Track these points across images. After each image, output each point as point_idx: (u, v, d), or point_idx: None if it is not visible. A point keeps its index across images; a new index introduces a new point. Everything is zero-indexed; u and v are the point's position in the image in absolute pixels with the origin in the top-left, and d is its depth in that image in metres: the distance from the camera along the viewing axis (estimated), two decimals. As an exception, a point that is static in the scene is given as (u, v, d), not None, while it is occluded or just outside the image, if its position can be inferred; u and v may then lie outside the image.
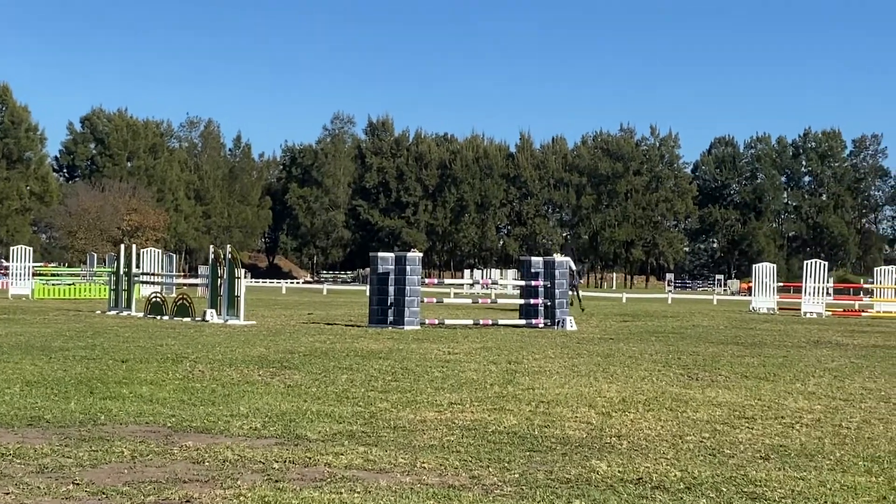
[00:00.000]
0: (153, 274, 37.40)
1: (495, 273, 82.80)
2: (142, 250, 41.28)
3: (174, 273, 47.77)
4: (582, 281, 34.29)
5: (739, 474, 6.40)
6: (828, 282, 38.05)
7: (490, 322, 22.73)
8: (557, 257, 23.80)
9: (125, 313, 25.58)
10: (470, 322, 22.62)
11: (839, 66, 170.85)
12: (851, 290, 50.19)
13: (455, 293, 56.08)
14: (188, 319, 22.90)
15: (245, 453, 6.75)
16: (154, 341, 16.04)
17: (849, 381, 11.90)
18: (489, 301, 31.68)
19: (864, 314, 35.01)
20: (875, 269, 41.30)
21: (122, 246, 29.00)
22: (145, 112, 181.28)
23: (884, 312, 34.98)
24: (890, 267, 39.23)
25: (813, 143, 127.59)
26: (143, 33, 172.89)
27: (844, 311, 36.63)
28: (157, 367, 12.03)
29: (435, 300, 26.21)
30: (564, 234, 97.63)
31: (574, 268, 34.32)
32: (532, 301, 23.19)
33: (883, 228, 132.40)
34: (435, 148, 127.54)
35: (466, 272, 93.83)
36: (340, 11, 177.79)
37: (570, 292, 30.93)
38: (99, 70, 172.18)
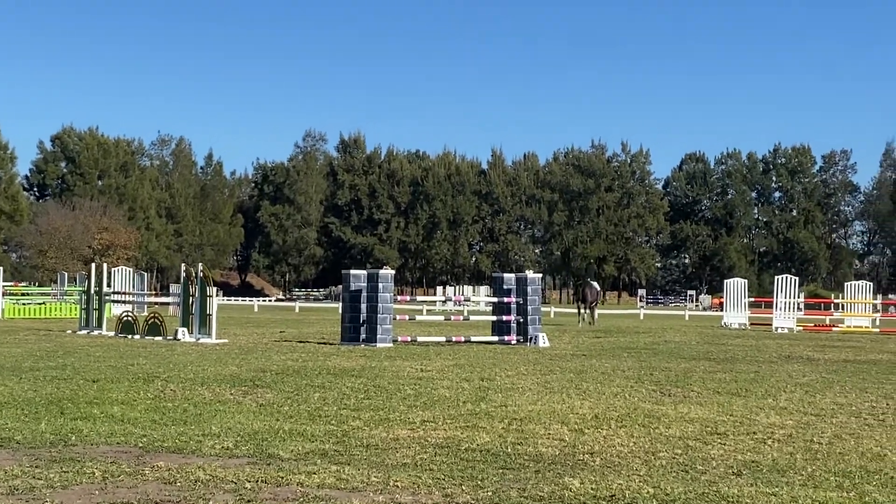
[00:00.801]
0: (124, 293, 37.16)
1: (468, 290, 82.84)
2: (113, 269, 41.01)
3: (145, 292, 47.48)
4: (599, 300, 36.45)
5: (712, 490, 6.42)
6: (799, 297, 38.29)
7: (463, 339, 22.72)
8: (530, 273, 23.84)
9: (96, 333, 25.39)
10: (443, 339, 22.61)
11: (809, 81, 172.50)
12: (822, 304, 50.50)
13: (427, 310, 56.03)
14: (160, 338, 22.76)
15: (217, 473, 6.71)
16: (125, 361, 15.93)
17: (820, 397, 11.96)
18: (462, 318, 31.67)
19: (834, 329, 35.24)
20: (845, 283, 41.59)
21: (93, 265, 28.80)
22: (116, 130, 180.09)
23: (854, 327, 35.22)
24: (860, 282, 39.56)
25: (783, 159, 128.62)
26: (113, 51, 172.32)
27: (815, 325, 36.85)
28: (128, 386, 11.95)
29: (407, 317, 26.25)
30: (590, 261, 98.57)
31: (598, 288, 36.30)
32: (504, 318, 23.21)
33: (853, 243, 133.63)
34: (407, 165, 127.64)
35: (439, 289, 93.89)
36: (312, 29, 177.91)
37: (587, 310, 36.17)
38: (69, 88, 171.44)
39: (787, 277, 36.08)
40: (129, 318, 24.74)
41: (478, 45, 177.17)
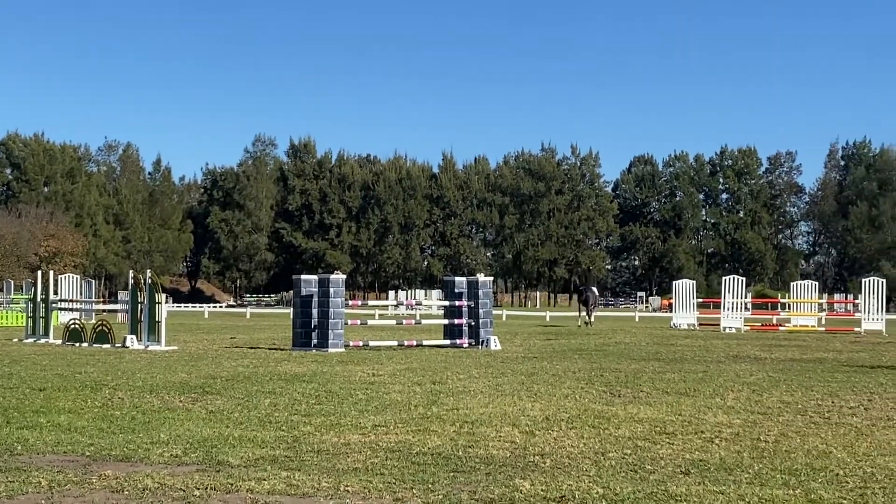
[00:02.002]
0: (72, 300, 36.75)
1: (420, 294, 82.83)
2: (60, 276, 40.54)
3: (93, 299, 46.97)
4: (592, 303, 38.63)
5: (660, 490, 6.48)
6: (746, 297, 38.72)
7: (415, 343, 22.72)
8: (481, 277, 23.89)
9: (43, 341, 25.08)
10: (395, 343, 22.59)
11: (754, 84, 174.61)
12: (769, 304, 51.10)
13: (380, 314, 55.99)
14: (108, 346, 22.53)
15: (165, 481, 6.66)
16: (73, 369, 15.75)
17: (767, 395, 12.11)
18: (414, 322, 31.68)
19: (781, 328, 35.68)
20: (791, 283, 42.14)
21: (40, 272, 28.43)
22: (62, 136, 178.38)
23: (800, 326, 35.69)
24: (806, 281, 40.08)
25: (729, 161, 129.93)
26: (59, 56, 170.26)
27: (762, 325, 37.30)
28: (75, 395, 11.81)
29: (359, 322, 26.15)
30: (588, 267, 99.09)
31: (596, 293, 38.59)
32: (456, 321, 23.24)
33: (798, 244, 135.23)
34: (358, 169, 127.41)
35: (391, 293, 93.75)
36: (261, 32, 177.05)
37: (587, 313, 38.09)
38: (14, 94, 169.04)
39: (734, 278, 36.49)
40: (77, 326, 24.46)
41: (427, 48, 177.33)
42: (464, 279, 24.17)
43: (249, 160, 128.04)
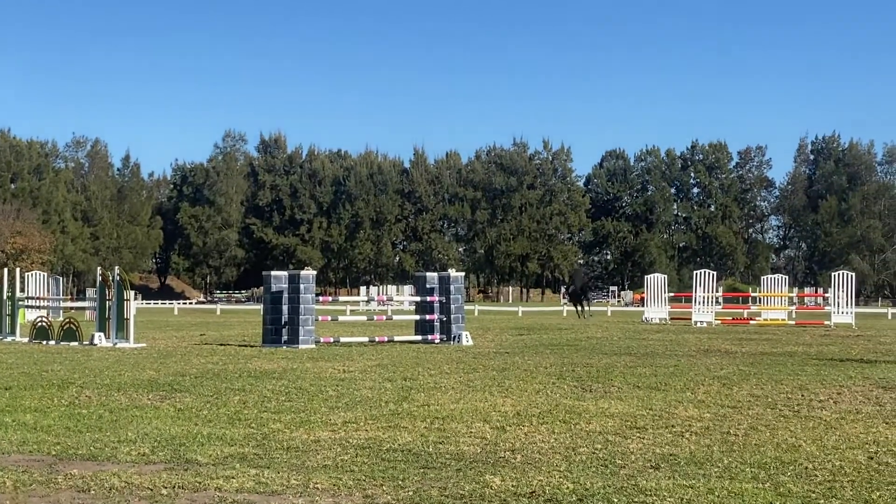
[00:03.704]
0: (38, 298, 36.42)
1: (391, 289, 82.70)
2: (27, 273, 40.19)
3: (61, 296, 46.57)
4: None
5: (630, 484, 6.47)
6: (717, 291, 38.90)
7: (386, 339, 22.67)
8: (453, 272, 23.86)
9: (9, 339, 24.84)
10: (366, 339, 22.53)
11: (724, 78, 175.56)
12: (740, 298, 51.39)
13: (351, 310, 55.86)
14: (75, 344, 22.34)
15: (132, 480, 6.59)
16: (39, 367, 15.59)
17: (737, 389, 12.14)
18: (385, 318, 31.62)
19: (752, 322, 35.87)
20: (762, 277, 42.38)
21: (6, 270, 28.16)
22: (29, 132, 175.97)
23: (771, 320, 35.88)
24: (776, 275, 40.32)
25: (700, 156, 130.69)
26: (25, 50, 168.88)
27: (733, 319, 37.48)
28: (41, 393, 11.69)
29: (330, 318, 26.10)
30: (578, 261, 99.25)
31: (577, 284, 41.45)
32: (428, 317, 23.21)
33: (769, 237, 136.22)
34: (329, 164, 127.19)
35: (362, 289, 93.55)
36: (230, 26, 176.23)
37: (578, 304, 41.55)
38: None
39: (705, 272, 36.64)
40: (44, 324, 24.23)
41: (397, 43, 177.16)
42: (435, 274, 24.13)
43: (219, 155, 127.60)
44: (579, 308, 41.72)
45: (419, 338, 22.97)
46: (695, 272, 37.23)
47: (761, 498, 6.13)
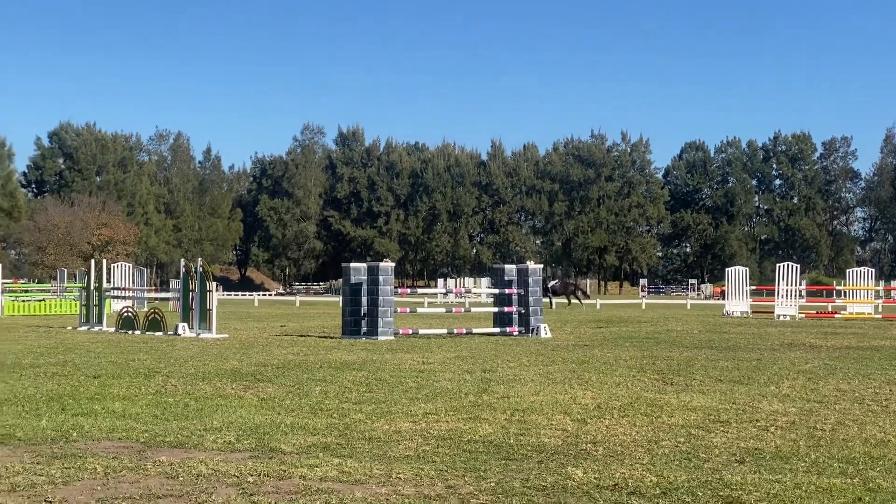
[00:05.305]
0: (124, 288, 37.17)
1: (469, 281, 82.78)
2: (112, 265, 41.01)
3: (145, 287, 47.48)
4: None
5: (715, 478, 6.41)
6: (800, 284, 38.26)
7: (464, 331, 22.70)
8: (531, 264, 23.78)
9: (96, 329, 25.38)
10: (444, 331, 22.58)
11: (809, 68, 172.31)
12: (824, 292, 50.46)
13: (429, 302, 56.03)
14: (160, 334, 22.75)
15: (219, 467, 6.70)
16: (126, 356, 15.92)
17: (823, 384, 11.94)
18: (463, 310, 31.65)
19: (837, 316, 35.23)
20: (847, 270, 41.58)
21: (93, 261, 28.77)
22: (114, 126, 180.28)
23: (856, 314, 35.20)
24: (862, 268, 39.51)
25: (783, 147, 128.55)
26: (110, 46, 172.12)
27: (817, 313, 36.84)
28: (129, 382, 11.93)
29: (408, 310, 26.14)
30: (555, 268, 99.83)
31: (568, 281, 44.95)
32: (506, 309, 23.18)
33: (854, 230, 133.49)
34: (406, 157, 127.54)
35: (440, 281, 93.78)
36: (309, 22, 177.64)
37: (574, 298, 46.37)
38: (67, 84, 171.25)
39: (788, 265, 36.05)
40: (130, 314, 24.72)
41: (476, 35, 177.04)
42: (514, 267, 24.08)
43: (298, 148, 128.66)
44: (553, 301, 45.77)
45: (497, 330, 22.95)
46: (778, 265, 36.64)
47: (850, 493, 6.02)
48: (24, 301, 41.06)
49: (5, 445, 7.60)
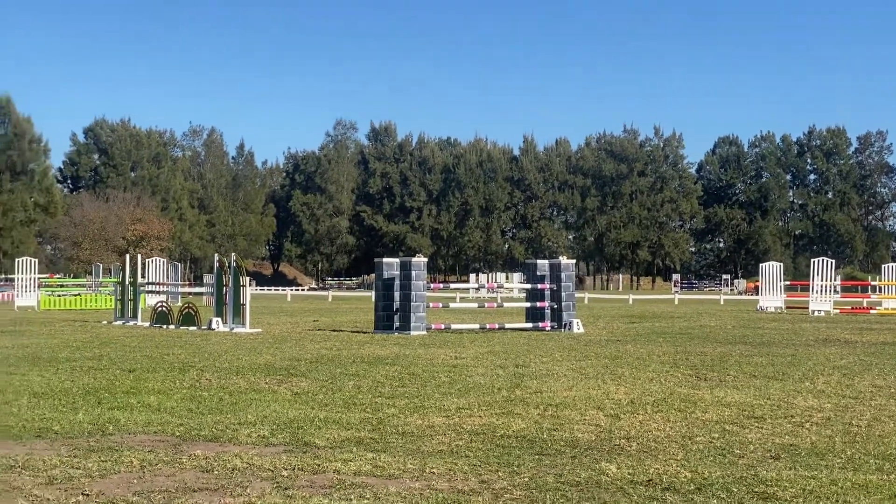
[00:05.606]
0: (158, 283, 37.42)
1: (501, 276, 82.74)
2: (147, 260, 41.29)
3: (179, 282, 47.79)
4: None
5: (750, 474, 6.37)
6: (835, 279, 37.96)
7: (497, 326, 22.69)
8: (563, 259, 23.74)
9: (131, 323, 25.58)
10: (476, 326, 22.58)
11: (843, 62, 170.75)
12: (859, 287, 50.00)
13: (461, 297, 56.05)
14: (194, 328, 22.90)
15: (254, 461, 6.74)
16: (161, 350, 16.04)
17: (858, 379, 11.85)
18: (495, 305, 31.65)
19: (872, 311, 34.93)
20: (883, 266, 41.20)
21: (128, 256, 29.00)
22: (148, 122, 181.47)
23: (892, 309, 34.89)
24: (897, 263, 39.10)
25: (818, 141, 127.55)
26: (144, 42, 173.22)
27: (853, 308, 36.55)
28: (164, 376, 12.02)
29: (441, 305, 26.22)
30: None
31: None
32: (538, 304, 23.16)
33: (890, 225, 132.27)
34: (438, 152, 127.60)
35: (472, 276, 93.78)
36: (341, 17, 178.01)
37: None
38: (101, 81, 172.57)
39: (823, 260, 35.78)
40: (164, 309, 24.90)
41: (508, 30, 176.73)
42: (546, 262, 24.05)
43: (331, 144, 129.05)
44: None
45: (530, 325, 22.94)
46: (812, 260, 36.38)
47: (886, 490, 5.97)
48: (59, 296, 41.47)
49: (43, 439, 7.68)
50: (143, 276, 29.50)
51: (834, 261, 38.01)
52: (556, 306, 22.90)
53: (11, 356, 14.86)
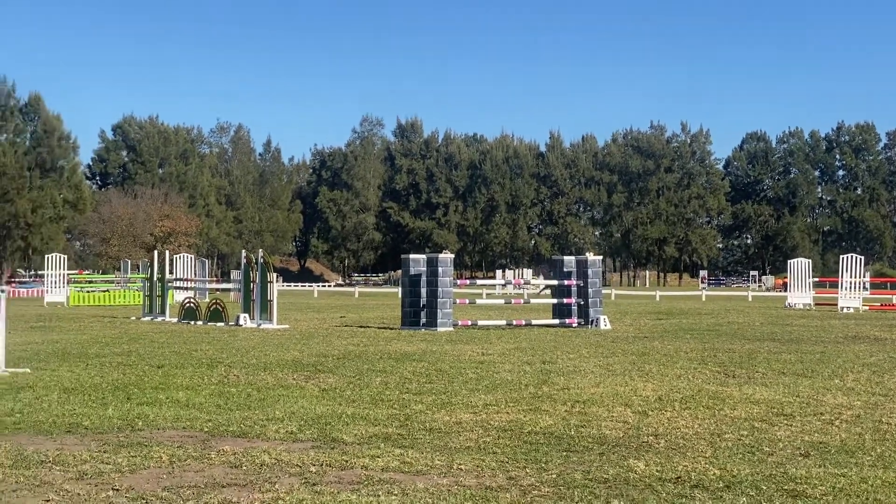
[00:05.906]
0: (186, 279, 37.61)
1: (527, 273, 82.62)
2: (174, 256, 41.51)
3: (207, 278, 48.00)
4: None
5: (779, 472, 6.34)
6: (864, 276, 37.67)
7: (523, 322, 22.66)
8: (590, 256, 23.67)
9: (159, 319, 25.72)
10: (503, 322, 22.57)
11: (873, 58, 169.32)
12: (889, 284, 49.63)
13: (487, 294, 56.01)
14: (222, 324, 22.99)
15: (282, 457, 6.76)
16: (189, 346, 16.12)
17: (888, 377, 11.76)
18: (522, 301, 31.61)
19: (901, 308, 34.63)
20: (912, 262, 40.83)
21: (156, 252, 29.17)
22: (176, 118, 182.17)
23: (921, 306, 34.59)
24: (927, 260, 38.76)
25: (846, 137, 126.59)
26: (172, 40, 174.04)
27: (882, 305, 36.26)
28: (192, 372, 12.08)
29: (467, 301, 26.19)
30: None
31: None
32: (565, 300, 23.11)
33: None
34: (464, 148, 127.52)
35: (498, 272, 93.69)
36: (368, 14, 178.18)
37: None
38: (130, 78, 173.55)
39: (852, 257, 35.53)
40: (192, 305, 25.01)
41: (534, 26, 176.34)
42: (573, 258, 24.00)
43: (357, 140, 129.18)
44: None
45: (557, 321, 22.90)
46: (841, 257, 36.12)
47: (918, 489, 5.93)
48: (88, 292, 41.76)
49: (72, 434, 7.74)
50: (170, 273, 29.63)
51: (863, 257, 37.71)
52: (583, 302, 22.85)
53: (41, 352, 14.98)
